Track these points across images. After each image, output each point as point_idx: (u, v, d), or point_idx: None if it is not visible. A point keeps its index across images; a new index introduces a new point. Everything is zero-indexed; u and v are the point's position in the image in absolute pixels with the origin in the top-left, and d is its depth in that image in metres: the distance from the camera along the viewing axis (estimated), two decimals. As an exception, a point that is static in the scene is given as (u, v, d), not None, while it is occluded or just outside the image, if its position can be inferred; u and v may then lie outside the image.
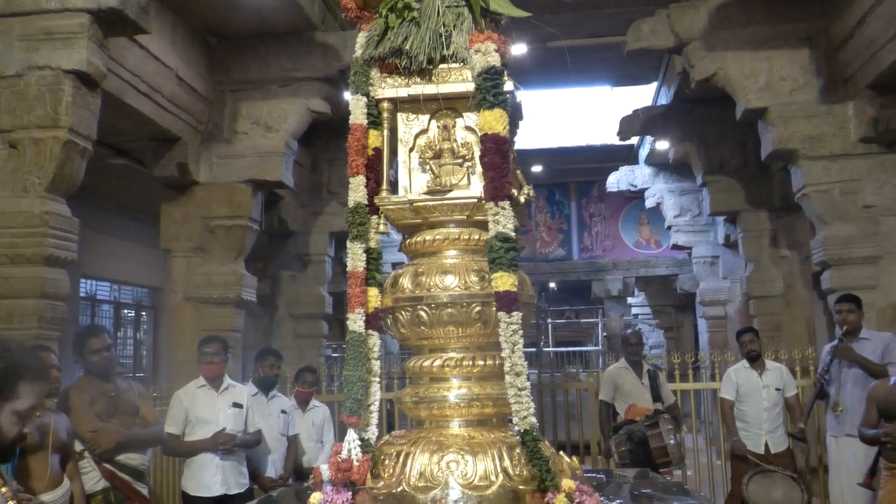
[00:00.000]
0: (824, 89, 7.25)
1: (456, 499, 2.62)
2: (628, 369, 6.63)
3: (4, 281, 5.12)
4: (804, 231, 8.90)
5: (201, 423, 5.15)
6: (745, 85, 7.36)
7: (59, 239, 5.25)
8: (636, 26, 7.60)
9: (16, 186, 5.19)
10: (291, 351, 9.72)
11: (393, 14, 2.94)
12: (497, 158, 2.76)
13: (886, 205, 7.11)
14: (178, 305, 8.02)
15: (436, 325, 2.89)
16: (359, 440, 2.86)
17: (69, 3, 5.16)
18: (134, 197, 10.74)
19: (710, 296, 12.21)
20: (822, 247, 7.23)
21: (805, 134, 7.22)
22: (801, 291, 9.27)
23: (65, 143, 5.17)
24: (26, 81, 5.17)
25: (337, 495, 2.75)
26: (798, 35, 7.31)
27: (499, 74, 2.80)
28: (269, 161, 7.91)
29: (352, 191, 3.01)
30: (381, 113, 3.01)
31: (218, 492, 5.09)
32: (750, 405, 6.44)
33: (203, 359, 5.28)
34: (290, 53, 7.84)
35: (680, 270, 15.56)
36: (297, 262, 10.31)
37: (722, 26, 7.31)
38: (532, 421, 2.70)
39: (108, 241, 11.85)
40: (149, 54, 6.72)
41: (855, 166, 7.17)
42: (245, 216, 7.92)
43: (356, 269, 2.98)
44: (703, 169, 9.92)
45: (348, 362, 2.95)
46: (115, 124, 6.91)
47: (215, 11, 7.34)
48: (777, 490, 6.30)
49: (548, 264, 16.90)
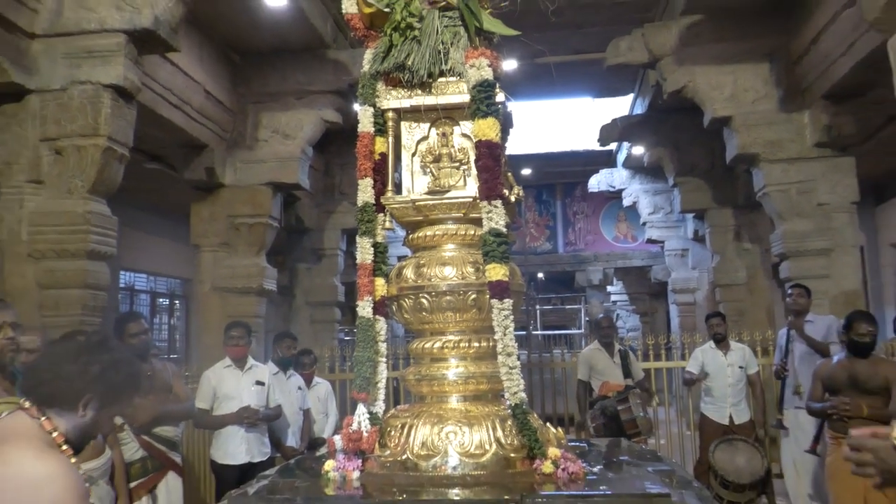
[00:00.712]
0: (783, 99, 7.24)
1: (454, 465, 2.62)
2: (601, 350, 6.61)
3: (51, 273, 5.12)
4: (765, 226, 8.91)
5: (228, 399, 5.16)
6: (712, 96, 7.35)
7: (100, 235, 5.24)
8: (615, 44, 7.59)
9: (61, 188, 5.19)
10: (308, 335, 9.73)
11: (396, 33, 2.93)
12: (490, 162, 2.76)
13: (838, 203, 7.12)
14: (206, 295, 8.03)
15: (436, 311, 2.89)
16: (368, 414, 2.87)
17: (107, 25, 5.15)
18: (167, 198, 10.73)
19: (681, 284, 12.22)
20: (780, 240, 7.24)
21: (766, 139, 7.22)
22: (762, 280, 9.28)
23: (104, 149, 5.17)
24: (70, 95, 5.16)
25: (349, 462, 2.75)
26: (760, 51, 7.30)
27: (491, 87, 2.79)
28: (287, 165, 7.91)
29: (360, 191, 3.00)
30: (386, 122, 3.00)
31: (243, 460, 5.11)
32: (716, 382, 6.46)
33: (229, 342, 5.29)
34: (305, 69, 7.84)
35: (654, 262, 15.55)
36: (312, 255, 10.32)
37: (691, 43, 7.30)
38: (522, 396, 2.70)
39: (144, 238, 11.85)
40: (179, 70, 6.71)
41: (810, 168, 7.16)
42: (266, 215, 7.92)
43: (365, 261, 2.98)
44: (675, 171, 9.91)
45: (358, 344, 2.95)
46: (149, 133, 6.90)
47: (238, 31, 7.33)
48: (740, 456, 6.31)
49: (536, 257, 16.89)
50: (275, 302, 9.37)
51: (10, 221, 5.17)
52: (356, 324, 2.98)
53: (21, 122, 5.21)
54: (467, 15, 2.87)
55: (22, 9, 5.01)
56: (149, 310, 12.90)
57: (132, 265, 11.99)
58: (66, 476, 1.66)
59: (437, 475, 2.60)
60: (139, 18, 5.14)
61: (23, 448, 1.68)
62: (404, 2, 2.93)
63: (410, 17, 2.90)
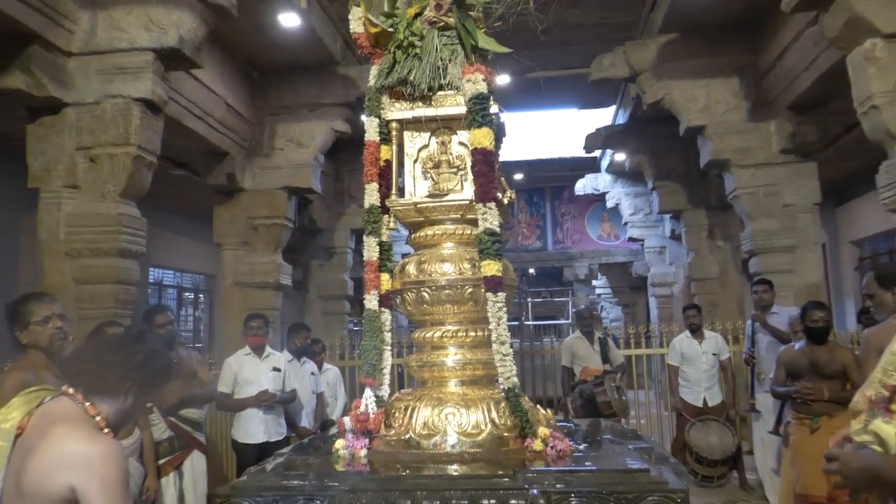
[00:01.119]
0: (751, 110, 7.24)
1: (453, 444, 2.62)
2: (582, 338, 6.61)
3: (87, 270, 5.11)
4: (735, 226, 8.91)
5: (247, 384, 5.16)
6: (686, 107, 7.35)
7: (131, 235, 5.24)
8: (598, 60, 7.59)
9: (95, 193, 5.18)
10: (320, 326, 9.73)
11: (399, 51, 2.93)
12: (485, 168, 2.76)
13: (801, 204, 7.12)
14: (228, 289, 8.03)
15: (436, 304, 2.89)
16: (374, 397, 2.87)
17: (137, 44, 5.15)
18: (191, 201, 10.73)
19: (659, 278, 12.21)
20: (749, 238, 7.24)
21: (736, 147, 7.22)
22: (732, 275, 9.28)
23: (134, 157, 5.16)
24: (103, 108, 5.16)
25: (357, 441, 2.75)
26: (730, 66, 7.30)
27: (486, 99, 2.78)
28: (301, 171, 7.90)
29: (367, 195, 3.00)
30: (390, 131, 3.00)
31: (261, 439, 5.11)
32: (692, 368, 6.49)
33: (249, 332, 5.29)
34: (317, 83, 7.83)
35: (635, 258, 15.54)
36: (324, 253, 10.31)
37: (668, 60, 7.31)
38: (514, 381, 2.70)
39: (171, 237, 11.85)
40: (202, 84, 6.70)
41: (776, 173, 7.16)
42: (282, 216, 7.91)
43: (371, 258, 2.98)
44: (653, 176, 9.91)
45: (365, 334, 2.95)
46: (176, 142, 6.89)
47: (256, 49, 7.32)
48: (713, 435, 6.33)
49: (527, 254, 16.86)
50: (290, 295, 9.38)
51: (49, 223, 5.16)
52: (363, 315, 2.98)
53: (59, 133, 5.20)
54: (464, 34, 2.87)
55: (60, 30, 5.00)
56: (175, 303, 12.88)
57: (160, 262, 11.99)
58: (115, 456, 1.68)
59: (438, 453, 2.60)
60: (166, 38, 5.14)
61: (76, 429, 1.69)
62: (406, 22, 2.93)
63: (412, 36, 2.90)
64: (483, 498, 2.12)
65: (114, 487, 1.64)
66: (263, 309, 7.10)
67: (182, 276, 13.22)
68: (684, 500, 2.06)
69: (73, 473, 1.63)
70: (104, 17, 5.20)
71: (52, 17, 4.89)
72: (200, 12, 5.22)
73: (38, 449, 1.67)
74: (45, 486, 1.63)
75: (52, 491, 1.63)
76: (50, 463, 1.64)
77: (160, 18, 5.16)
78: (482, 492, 2.14)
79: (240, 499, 2.23)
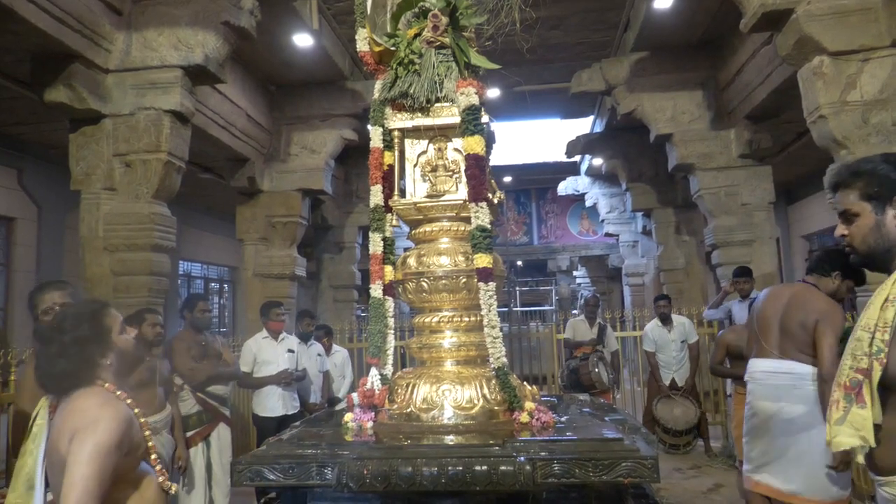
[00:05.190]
0: (713, 120, 7.24)
1: (449, 417, 2.61)
2: (584, 321, 6.72)
3: (123, 263, 5.10)
4: (699, 222, 8.92)
5: (266, 364, 5.16)
6: (656, 117, 7.35)
7: (162, 232, 5.22)
8: (578, 75, 7.58)
9: (130, 194, 5.16)
10: (331, 312, 9.73)
11: (401, 67, 2.91)
12: (477, 171, 2.74)
13: (758, 203, 7.14)
14: (249, 280, 8.01)
15: (434, 292, 2.88)
16: (379, 375, 2.86)
17: (167, 61, 5.12)
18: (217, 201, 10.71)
19: (632, 269, 12.22)
20: (712, 233, 7.24)
21: (699, 152, 7.22)
22: (697, 266, 9.29)
23: (165, 163, 5.14)
24: (136, 118, 5.13)
25: (364, 415, 2.75)
26: (694, 81, 7.30)
27: (478, 110, 2.77)
28: (314, 175, 7.88)
29: (372, 196, 2.99)
30: (393, 139, 2.98)
31: (279, 413, 5.11)
32: (663, 353, 6.57)
33: (275, 318, 5.27)
34: (327, 97, 7.81)
35: (611, 251, 15.55)
36: (334, 247, 10.29)
37: (639, 75, 7.31)
38: (504, 360, 2.70)
39: (198, 233, 11.83)
40: (225, 98, 6.68)
41: (735, 175, 7.17)
42: (297, 215, 7.89)
43: (376, 252, 2.97)
44: (627, 178, 9.90)
45: (371, 319, 2.94)
46: (202, 149, 6.87)
47: (274, 67, 7.30)
48: (677, 408, 6.38)
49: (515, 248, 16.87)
50: (304, 286, 9.36)
51: (90, 221, 5.14)
52: (369, 303, 2.97)
53: (98, 141, 5.17)
54: (458, 52, 2.86)
55: (99, 50, 4.98)
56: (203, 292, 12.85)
57: (189, 256, 11.96)
58: (116, 420, 1.72)
59: (436, 425, 2.59)
60: (193, 56, 5.11)
61: (89, 396, 1.77)
62: (407, 42, 2.91)
63: (412, 54, 2.88)
64: (476, 465, 2.11)
65: (99, 449, 1.64)
66: (280, 298, 7.09)
67: (208, 269, 13.19)
68: (654, 466, 2.06)
69: (76, 433, 1.66)
70: (138, 38, 5.17)
71: (92, 38, 4.87)
72: (224, 33, 5.20)
73: (59, 417, 1.74)
74: (60, 449, 1.67)
75: (65, 453, 1.66)
76: (63, 427, 1.69)
77: (188, 39, 5.13)
78: (475, 459, 2.14)
79: (260, 466, 2.23)
